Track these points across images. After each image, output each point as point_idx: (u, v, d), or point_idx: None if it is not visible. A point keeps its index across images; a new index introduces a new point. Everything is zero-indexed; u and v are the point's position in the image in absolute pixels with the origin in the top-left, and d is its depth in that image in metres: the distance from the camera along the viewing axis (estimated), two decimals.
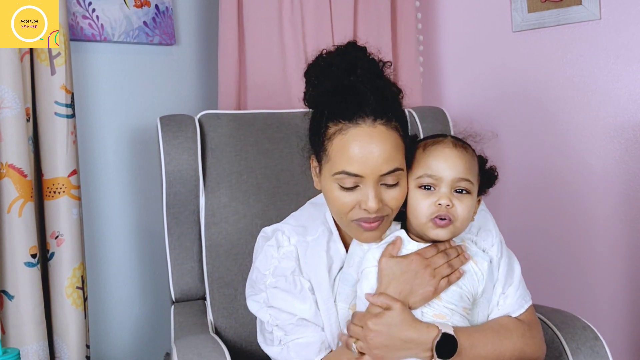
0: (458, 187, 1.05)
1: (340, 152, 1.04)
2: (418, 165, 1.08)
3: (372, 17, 1.81)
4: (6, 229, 1.36)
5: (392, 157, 1.04)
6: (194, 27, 1.88)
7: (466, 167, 1.06)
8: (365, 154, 1.02)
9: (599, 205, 1.89)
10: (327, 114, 1.07)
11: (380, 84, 1.10)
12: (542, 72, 1.93)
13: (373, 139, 1.03)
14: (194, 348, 1.20)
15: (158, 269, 1.79)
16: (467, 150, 1.10)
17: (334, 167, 1.05)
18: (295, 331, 1.12)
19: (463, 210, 1.05)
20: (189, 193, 1.46)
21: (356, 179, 1.04)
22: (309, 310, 1.12)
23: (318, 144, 1.09)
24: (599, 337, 1.23)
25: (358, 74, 1.09)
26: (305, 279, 1.14)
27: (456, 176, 1.05)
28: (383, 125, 1.04)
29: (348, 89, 1.08)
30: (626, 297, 1.89)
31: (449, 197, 1.04)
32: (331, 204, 1.10)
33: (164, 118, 1.49)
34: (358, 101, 1.05)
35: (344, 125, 1.04)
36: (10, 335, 1.38)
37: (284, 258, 1.15)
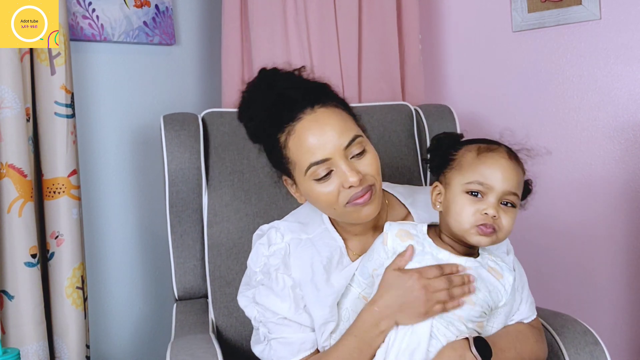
0: (506, 199, 1.03)
1: (299, 150, 1.06)
2: (469, 169, 1.05)
3: (377, 16, 1.81)
4: (6, 229, 1.36)
5: (345, 128, 1.07)
6: (194, 27, 1.88)
7: (518, 180, 1.05)
8: (320, 137, 1.05)
9: (599, 205, 1.89)
10: (271, 129, 1.10)
11: (302, 83, 1.13)
12: (542, 72, 1.93)
13: (319, 122, 1.06)
14: (187, 349, 1.20)
15: (159, 268, 1.79)
16: (520, 164, 1.09)
17: (302, 167, 1.07)
18: (276, 330, 1.13)
19: (507, 223, 1.03)
20: (191, 191, 1.47)
21: (325, 164, 1.05)
22: (289, 309, 1.12)
23: (281, 160, 1.11)
24: (599, 342, 1.21)
25: (278, 86, 1.11)
26: (289, 277, 1.14)
27: (508, 189, 1.03)
28: (322, 107, 1.08)
29: (275, 100, 1.10)
30: (627, 300, 1.88)
31: (496, 208, 1.02)
32: (318, 202, 1.10)
33: (167, 116, 1.49)
34: (289, 101, 1.08)
35: (288, 127, 1.07)
36: (10, 335, 1.38)
37: (272, 256, 1.16)
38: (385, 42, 1.83)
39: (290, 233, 1.17)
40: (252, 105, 1.14)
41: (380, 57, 1.82)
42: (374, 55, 1.81)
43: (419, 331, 1.03)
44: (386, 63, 1.83)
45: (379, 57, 1.82)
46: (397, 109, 1.65)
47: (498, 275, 1.08)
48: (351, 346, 1.05)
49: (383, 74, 1.83)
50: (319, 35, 1.71)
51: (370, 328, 1.05)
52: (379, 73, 1.82)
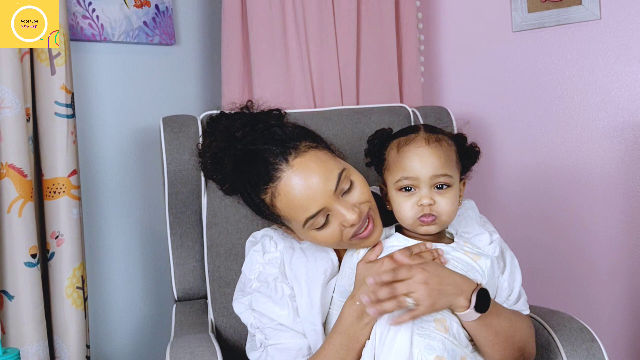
0: (438, 183, 1.06)
1: (289, 209, 1.04)
2: (394, 168, 1.09)
3: (375, 17, 1.81)
4: (6, 229, 1.36)
5: (328, 170, 1.04)
6: (194, 27, 1.88)
7: (442, 162, 1.06)
8: (307, 191, 1.02)
9: (598, 205, 1.89)
10: (251, 190, 1.07)
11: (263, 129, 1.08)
12: (542, 72, 1.93)
13: (301, 175, 1.02)
14: (187, 347, 1.21)
15: (158, 269, 1.79)
16: (442, 142, 1.09)
17: (298, 222, 1.05)
18: (273, 335, 1.13)
19: (446, 204, 1.06)
20: (190, 193, 1.47)
21: (321, 213, 1.03)
22: (288, 317, 1.12)
23: (270, 216, 1.09)
24: (596, 339, 1.21)
25: (242, 141, 1.07)
26: (287, 286, 1.14)
27: (433, 174, 1.05)
28: (296, 157, 1.03)
29: (244, 160, 1.06)
30: (625, 299, 1.88)
31: (429, 196, 1.05)
32: (323, 243, 1.09)
33: (166, 118, 1.49)
34: (261, 161, 1.04)
35: (270, 188, 1.04)
36: (10, 335, 1.38)
37: (268, 264, 1.15)
38: (384, 44, 1.83)
39: (283, 241, 1.17)
40: (219, 167, 1.10)
41: (378, 59, 1.82)
42: (372, 57, 1.81)
43: None
44: (384, 65, 1.83)
45: (377, 59, 1.82)
46: (394, 111, 1.65)
47: (475, 257, 1.10)
48: (337, 344, 1.06)
49: (381, 76, 1.83)
50: (317, 36, 1.71)
51: (354, 322, 1.05)
52: (377, 75, 1.82)
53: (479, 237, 1.17)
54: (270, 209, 1.07)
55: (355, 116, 1.59)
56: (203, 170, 1.17)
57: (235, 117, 1.14)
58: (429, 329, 1.02)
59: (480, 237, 1.17)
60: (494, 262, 1.11)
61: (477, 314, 1.01)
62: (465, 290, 1.02)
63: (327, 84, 1.73)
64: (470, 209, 1.23)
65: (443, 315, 1.04)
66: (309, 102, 1.70)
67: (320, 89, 1.73)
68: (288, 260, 1.16)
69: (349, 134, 1.54)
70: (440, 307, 1.02)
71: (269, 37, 1.69)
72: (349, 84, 1.77)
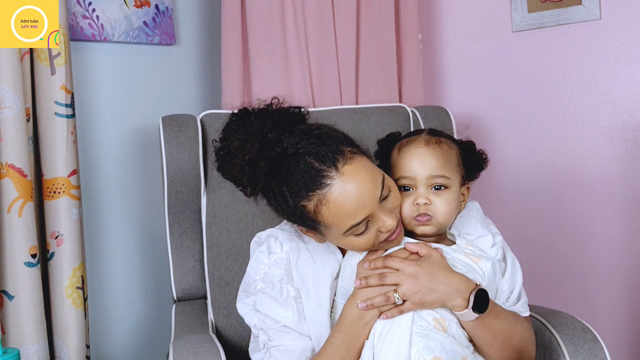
0: (435, 184, 1.08)
1: (336, 216, 1.01)
2: (395, 167, 1.11)
3: (375, 17, 1.81)
4: (6, 229, 1.36)
5: (374, 178, 1.03)
6: (194, 27, 1.88)
7: (440, 163, 1.08)
8: (358, 200, 1.00)
9: (598, 205, 1.89)
10: (291, 196, 1.02)
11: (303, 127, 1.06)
12: (542, 72, 1.93)
13: (352, 184, 1.00)
14: (190, 348, 1.20)
15: (158, 269, 1.79)
16: (441, 145, 1.11)
17: (340, 229, 1.03)
18: (277, 337, 1.12)
19: (442, 205, 1.08)
20: (190, 193, 1.47)
21: (364, 221, 1.02)
22: (292, 318, 1.11)
23: (305, 222, 1.06)
24: (598, 339, 1.21)
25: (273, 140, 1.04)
26: (292, 287, 1.13)
27: (430, 174, 1.08)
28: (345, 164, 1.01)
29: (283, 161, 1.03)
30: (626, 298, 1.88)
31: (425, 196, 1.07)
32: (356, 248, 1.09)
33: (165, 118, 1.49)
34: (307, 165, 1.01)
35: (318, 195, 1.00)
36: (10, 335, 1.38)
37: (273, 265, 1.15)
38: (383, 44, 1.83)
39: (289, 242, 1.16)
40: (250, 168, 1.05)
41: (378, 58, 1.82)
42: (372, 56, 1.81)
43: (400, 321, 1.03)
44: (384, 65, 1.83)
45: (376, 58, 1.82)
46: (394, 111, 1.65)
47: (475, 259, 1.10)
48: (338, 343, 1.06)
49: (381, 76, 1.83)
50: (317, 36, 1.71)
51: (355, 321, 1.05)
52: (376, 75, 1.82)
53: (481, 239, 1.17)
54: (310, 214, 1.03)
55: (355, 116, 1.59)
56: (223, 170, 1.12)
57: (264, 116, 1.10)
58: (428, 328, 1.03)
59: (483, 240, 1.17)
60: (495, 265, 1.12)
61: (474, 314, 1.02)
62: (463, 290, 1.02)
63: (327, 84, 1.73)
64: (474, 210, 1.23)
65: (442, 314, 1.04)
66: (308, 101, 1.70)
67: (320, 89, 1.73)
68: (294, 261, 1.15)
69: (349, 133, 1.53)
70: (430, 305, 1.02)
71: (269, 36, 1.69)
72: (349, 83, 1.77)
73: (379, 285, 1.02)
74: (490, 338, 1.06)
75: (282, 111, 1.14)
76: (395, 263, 1.03)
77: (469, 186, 1.17)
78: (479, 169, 1.18)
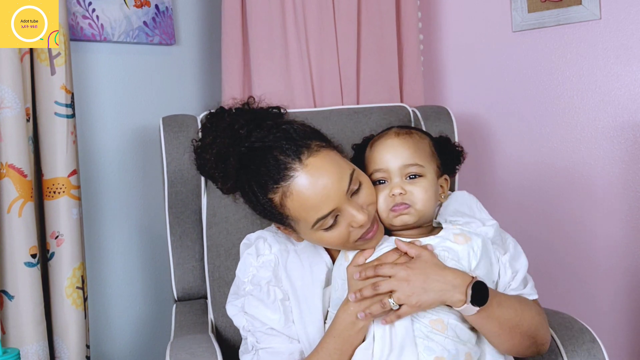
0: (409, 173, 1.07)
1: (301, 209, 1.02)
2: (368, 162, 1.11)
3: (376, 17, 1.81)
4: (6, 229, 1.36)
5: (340, 170, 1.03)
6: (194, 27, 1.88)
7: (411, 152, 1.08)
8: (322, 191, 1.00)
9: (598, 205, 1.89)
10: (258, 189, 1.04)
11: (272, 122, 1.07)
12: (542, 72, 1.93)
13: (315, 176, 1.00)
14: (187, 348, 1.21)
15: (158, 269, 1.79)
16: (412, 135, 1.11)
17: (307, 222, 1.03)
18: (265, 339, 1.12)
19: (419, 193, 1.06)
20: (190, 193, 1.47)
21: (331, 214, 1.02)
22: (279, 321, 1.11)
23: (275, 216, 1.07)
24: (597, 340, 1.21)
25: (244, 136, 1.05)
26: (280, 290, 1.13)
27: (402, 163, 1.07)
28: (309, 157, 1.01)
29: (251, 155, 1.04)
30: (626, 299, 1.88)
31: (400, 186, 1.06)
32: (329, 245, 1.09)
33: (166, 118, 1.49)
34: (273, 160, 1.02)
35: (282, 187, 1.01)
36: (10, 335, 1.38)
37: (261, 267, 1.15)
38: (384, 44, 1.83)
39: (278, 244, 1.16)
40: (222, 164, 1.07)
41: (378, 58, 1.82)
42: (373, 56, 1.81)
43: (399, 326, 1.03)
44: (385, 64, 1.83)
45: (377, 58, 1.82)
46: (394, 111, 1.65)
47: (465, 239, 1.07)
48: (331, 347, 1.05)
49: (381, 76, 1.83)
50: (317, 36, 1.71)
51: (349, 326, 1.05)
52: (377, 74, 1.82)
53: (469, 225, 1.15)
54: (277, 208, 1.04)
55: (355, 116, 1.59)
56: (200, 168, 1.14)
57: (237, 114, 1.12)
58: (425, 331, 1.02)
59: (470, 225, 1.14)
60: (486, 242, 1.09)
61: (475, 307, 1.00)
62: (459, 285, 1.00)
63: (327, 83, 1.73)
64: (460, 197, 1.21)
65: (439, 314, 1.03)
66: (309, 101, 1.70)
67: (320, 88, 1.73)
68: (283, 263, 1.15)
69: (349, 133, 1.53)
70: (428, 305, 1.01)
71: (269, 36, 1.69)
72: (349, 83, 1.77)
73: (373, 295, 1.01)
74: (496, 329, 1.04)
75: (257, 110, 1.15)
76: (386, 270, 1.01)
77: (447, 178, 1.16)
78: (457, 162, 1.18)
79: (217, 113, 1.16)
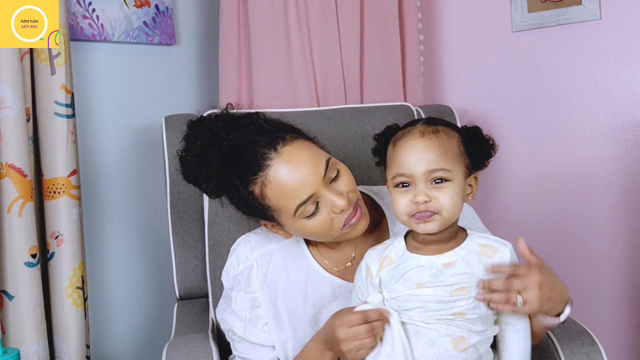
0: (434, 178, 0.98)
1: (280, 197, 1.04)
2: (391, 163, 1.02)
3: (379, 16, 1.81)
4: (6, 229, 1.36)
5: (316, 157, 1.06)
6: (194, 27, 1.88)
7: (437, 155, 0.98)
8: (298, 177, 1.03)
9: (598, 205, 1.89)
10: (240, 184, 1.07)
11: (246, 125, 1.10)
12: (542, 72, 1.93)
13: (291, 162, 1.04)
14: (183, 347, 1.22)
15: (159, 268, 1.79)
16: (439, 134, 1.01)
17: (288, 211, 1.05)
18: (239, 347, 1.18)
19: (445, 199, 0.97)
20: (192, 192, 1.47)
21: (311, 199, 1.04)
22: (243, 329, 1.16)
23: (259, 210, 1.09)
24: (596, 342, 1.19)
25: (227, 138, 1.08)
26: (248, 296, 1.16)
27: (427, 168, 0.97)
28: (284, 145, 1.05)
29: (232, 154, 1.07)
30: (626, 300, 1.88)
31: (425, 192, 0.97)
32: (313, 234, 1.10)
33: (168, 117, 1.49)
34: (248, 152, 1.05)
35: (260, 177, 1.05)
36: (10, 335, 1.38)
37: (239, 274, 1.18)
38: (387, 43, 1.83)
39: (260, 248, 1.19)
40: (204, 166, 1.10)
41: (382, 58, 1.82)
42: (376, 56, 1.81)
43: None
44: (388, 64, 1.83)
45: (380, 58, 1.82)
46: (398, 110, 1.65)
47: (492, 252, 1.02)
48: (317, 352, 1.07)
49: (385, 75, 1.83)
50: (320, 36, 1.71)
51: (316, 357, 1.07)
52: (380, 74, 1.82)
53: None
54: (259, 200, 1.07)
55: (359, 115, 1.59)
56: (184, 174, 1.16)
57: (216, 119, 1.15)
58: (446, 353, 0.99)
59: None
60: (512, 252, 1.04)
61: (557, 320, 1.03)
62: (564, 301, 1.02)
63: (331, 83, 1.73)
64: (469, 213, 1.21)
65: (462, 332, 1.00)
66: (312, 101, 1.70)
67: (324, 88, 1.73)
68: (263, 268, 1.18)
69: (352, 133, 1.53)
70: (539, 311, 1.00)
71: (271, 35, 1.69)
72: (353, 83, 1.77)
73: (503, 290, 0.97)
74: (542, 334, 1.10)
75: (235, 114, 1.17)
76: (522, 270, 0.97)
77: (476, 176, 1.06)
78: (487, 156, 1.07)
79: (197, 121, 1.18)
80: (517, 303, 0.95)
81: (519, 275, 0.96)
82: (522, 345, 1.04)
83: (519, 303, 0.95)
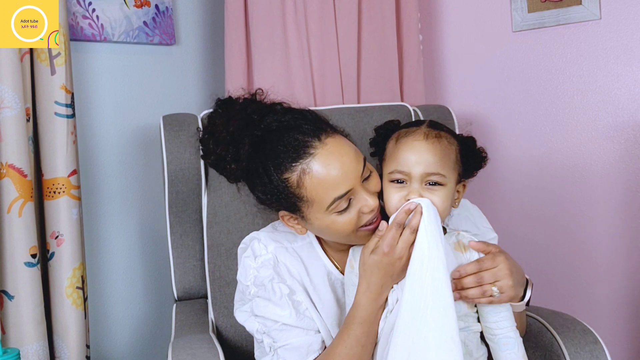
0: (429, 180, 1.03)
1: (319, 187, 1.02)
2: (390, 158, 1.06)
3: (376, 16, 1.81)
4: (6, 229, 1.36)
5: (358, 154, 1.06)
6: (194, 27, 1.88)
7: (437, 160, 1.03)
8: (341, 169, 1.02)
9: (598, 205, 1.89)
10: (275, 170, 1.04)
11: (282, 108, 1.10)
12: (542, 72, 1.93)
13: (335, 154, 1.03)
14: (188, 348, 1.20)
15: (158, 268, 1.79)
16: (441, 140, 1.05)
17: (323, 203, 1.03)
18: (280, 337, 1.12)
19: (437, 202, 1.02)
20: (191, 192, 1.47)
21: (346, 195, 1.03)
22: (290, 316, 1.11)
23: (287, 199, 1.07)
24: (599, 341, 1.21)
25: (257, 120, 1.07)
26: (285, 285, 1.13)
27: (426, 171, 1.02)
28: (328, 137, 1.04)
29: (267, 136, 1.06)
30: (627, 299, 1.88)
31: (419, 192, 1.02)
32: (335, 232, 1.08)
33: (166, 117, 1.49)
34: (291, 137, 1.04)
35: (300, 164, 1.03)
36: (10, 335, 1.38)
37: (261, 267, 1.15)
38: (385, 43, 1.83)
39: (273, 242, 1.17)
40: (233, 147, 1.08)
41: (379, 57, 1.82)
42: (374, 56, 1.81)
43: None
44: (385, 64, 1.83)
45: (378, 57, 1.82)
46: (395, 110, 1.65)
47: (464, 248, 1.07)
48: (358, 333, 1.05)
49: (382, 75, 1.83)
50: (318, 35, 1.71)
51: (375, 311, 1.04)
52: (378, 74, 1.82)
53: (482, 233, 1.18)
54: (292, 189, 1.04)
55: (356, 115, 1.59)
56: (205, 150, 1.14)
57: (247, 102, 1.14)
58: None
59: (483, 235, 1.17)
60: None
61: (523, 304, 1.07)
62: (524, 283, 1.06)
63: (328, 82, 1.73)
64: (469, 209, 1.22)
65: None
66: (310, 100, 1.70)
67: (321, 87, 1.73)
68: (283, 258, 1.16)
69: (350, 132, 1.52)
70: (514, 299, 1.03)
71: (270, 34, 1.69)
72: (350, 82, 1.77)
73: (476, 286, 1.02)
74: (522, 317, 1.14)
75: (263, 102, 1.17)
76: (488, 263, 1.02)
77: (465, 184, 1.12)
78: (477, 167, 1.15)
79: (227, 100, 1.17)
80: (494, 293, 1.00)
81: (487, 269, 1.01)
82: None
83: (495, 293, 1.00)
